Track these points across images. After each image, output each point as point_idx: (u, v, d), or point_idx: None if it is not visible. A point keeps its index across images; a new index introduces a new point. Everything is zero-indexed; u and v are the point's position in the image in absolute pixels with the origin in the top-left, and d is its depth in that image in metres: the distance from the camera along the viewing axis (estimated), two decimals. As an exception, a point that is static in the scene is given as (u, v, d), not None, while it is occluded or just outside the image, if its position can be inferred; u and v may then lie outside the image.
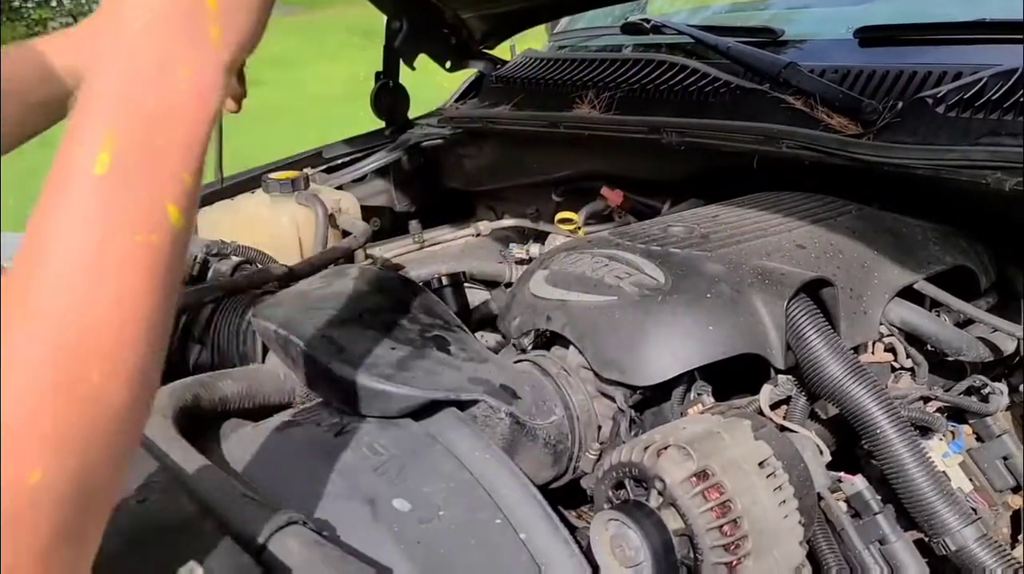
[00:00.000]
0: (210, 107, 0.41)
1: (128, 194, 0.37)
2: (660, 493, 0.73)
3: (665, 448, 0.74)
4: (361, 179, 1.83)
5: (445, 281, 1.24)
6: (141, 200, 0.38)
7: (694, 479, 0.72)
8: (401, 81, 1.85)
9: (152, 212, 0.38)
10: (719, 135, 1.24)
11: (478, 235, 1.68)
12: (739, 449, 0.75)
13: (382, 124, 1.89)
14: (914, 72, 1.16)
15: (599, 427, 0.90)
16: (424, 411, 0.81)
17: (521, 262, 1.56)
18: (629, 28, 1.63)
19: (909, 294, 0.99)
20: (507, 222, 1.69)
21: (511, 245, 1.63)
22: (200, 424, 0.88)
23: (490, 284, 1.48)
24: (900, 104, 1.10)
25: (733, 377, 0.92)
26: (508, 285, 1.47)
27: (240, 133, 7.02)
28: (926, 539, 0.81)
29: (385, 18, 1.74)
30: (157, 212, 0.38)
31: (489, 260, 1.54)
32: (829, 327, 0.87)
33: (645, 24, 1.58)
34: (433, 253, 1.67)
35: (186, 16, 0.40)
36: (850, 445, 0.93)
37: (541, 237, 1.62)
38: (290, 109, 7.61)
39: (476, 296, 1.40)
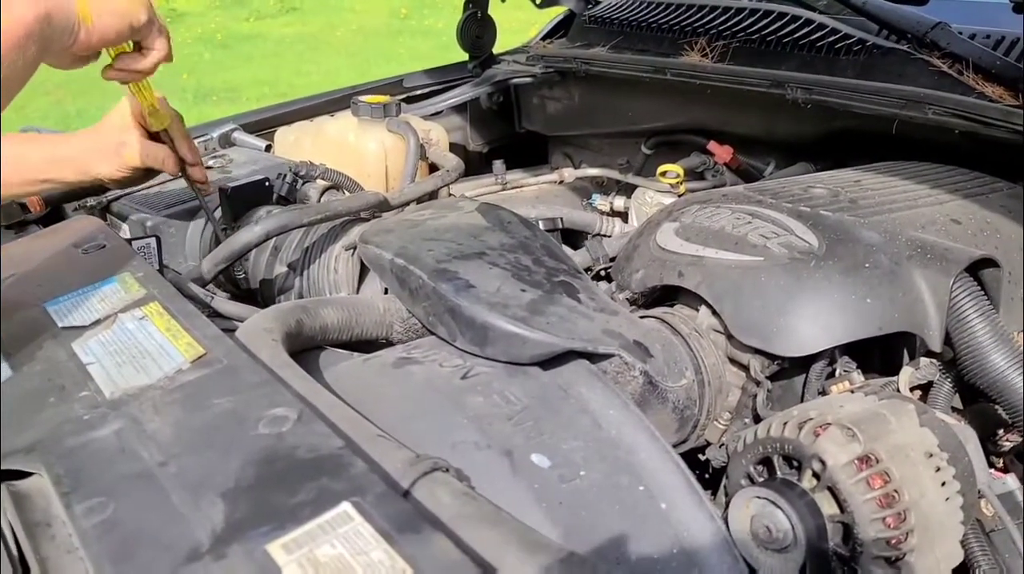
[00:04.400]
0: None
1: None
2: (816, 475, 0.67)
3: (825, 426, 0.68)
4: (436, 113, 1.75)
5: (543, 226, 1.17)
6: None
7: (858, 463, 0.66)
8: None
9: None
10: (852, 95, 1.15)
11: (561, 182, 1.61)
12: (906, 435, 0.68)
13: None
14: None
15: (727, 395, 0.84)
16: (552, 360, 0.75)
17: (603, 214, 1.49)
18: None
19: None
20: (592, 171, 1.61)
21: (594, 195, 1.55)
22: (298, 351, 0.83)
23: (577, 234, 1.40)
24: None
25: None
26: (597, 236, 1.40)
27: (272, 60, 6.90)
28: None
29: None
30: None
31: (575, 209, 1.46)
32: (994, 311, 0.80)
33: (767, -29, 1.48)
34: (511, 196, 1.59)
35: None
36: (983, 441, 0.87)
37: (626, 190, 1.54)
38: (327, 41, 7.47)
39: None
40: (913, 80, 1.13)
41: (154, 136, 0.98)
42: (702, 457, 0.85)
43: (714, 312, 0.84)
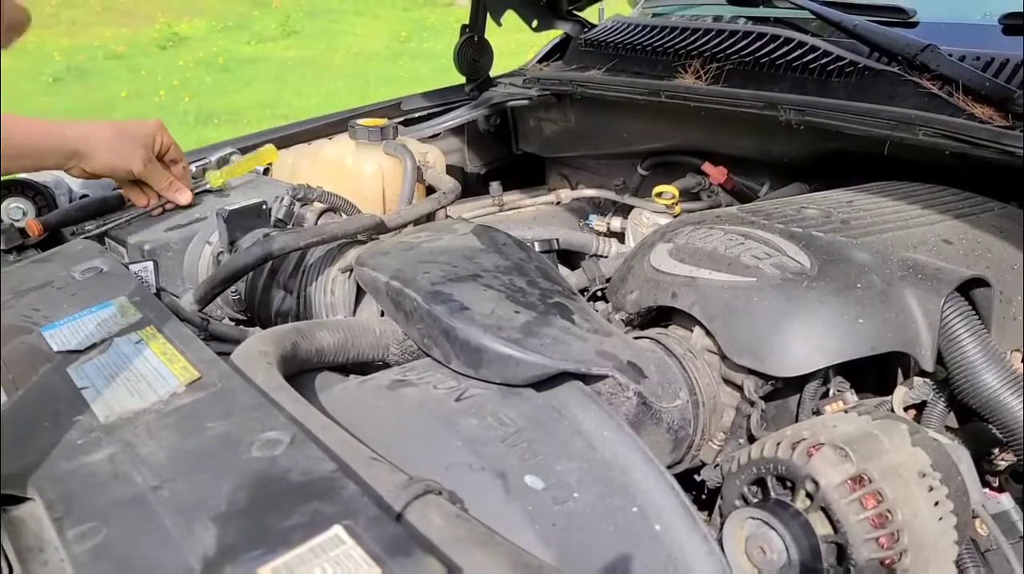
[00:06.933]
0: None
1: None
2: (809, 495, 0.67)
3: (818, 446, 0.68)
4: (434, 135, 1.77)
5: (540, 247, 1.18)
6: None
7: (851, 483, 0.66)
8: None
9: None
10: (844, 116, 1.16)
11: (558, 203, 1.62)
12: (898, 455, 0.68)
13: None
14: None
15: (721, 416, 0.84)
16: (546, 382, 0.75)
17: (600, 235, 1.50)
18: (738, -1, 1.55)
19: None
20: (589, 192, 1.62)
21: (591, 216, 1.56)
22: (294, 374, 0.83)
23: (574, 255, 1.41)
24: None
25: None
26: (593, 257, 1.40)
27: (273, 83, 6.96)
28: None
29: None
30: None
31: (572, 230, 1.47)
32: (985, 331, 0.80)
33: (759, -6, 1.50)
34: (508, 217, 1.60)
35: None
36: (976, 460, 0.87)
37: (623, 210, 1.55)
38: (328, 64, 7.53)
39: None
40: (904, 101, 1.14)
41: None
42: (697, 478, 0.85)
43: (708, 333, 0.84)
